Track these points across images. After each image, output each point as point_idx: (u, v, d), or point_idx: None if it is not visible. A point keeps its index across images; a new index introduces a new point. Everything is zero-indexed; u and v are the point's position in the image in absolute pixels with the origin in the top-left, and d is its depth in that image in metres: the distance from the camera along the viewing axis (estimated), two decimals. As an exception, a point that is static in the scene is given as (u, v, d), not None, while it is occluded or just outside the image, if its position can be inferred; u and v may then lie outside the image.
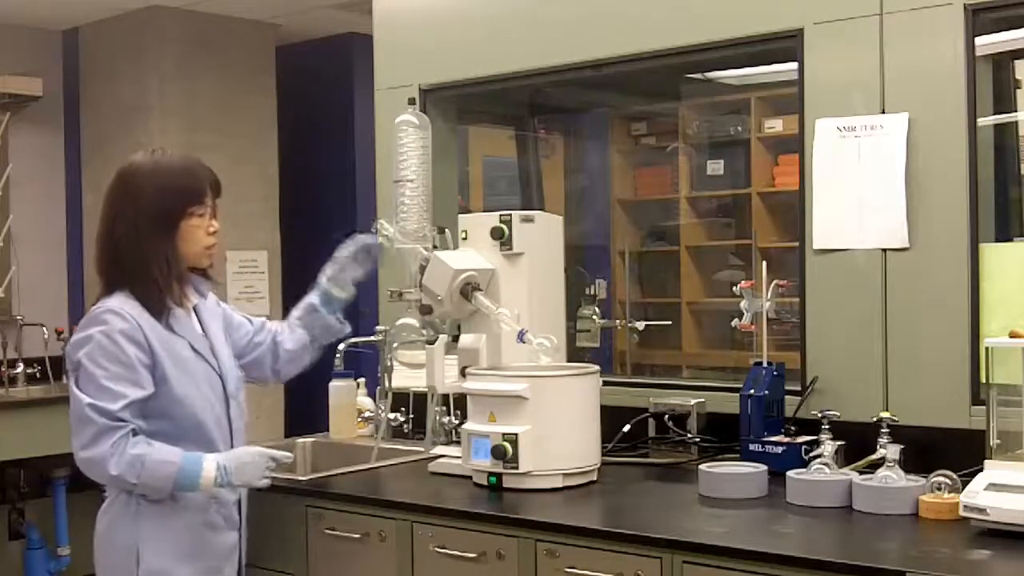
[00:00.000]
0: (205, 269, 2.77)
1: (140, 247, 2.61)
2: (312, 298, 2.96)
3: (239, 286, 6.23)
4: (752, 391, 3.04)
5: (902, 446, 2.66)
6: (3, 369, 5.84)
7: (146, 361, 2.57)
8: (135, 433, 2.53)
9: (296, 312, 2.98)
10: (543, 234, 3.24)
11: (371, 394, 3.83)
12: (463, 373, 3.11)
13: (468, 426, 3.02)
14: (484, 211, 3.81)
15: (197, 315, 2.74)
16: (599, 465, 3.03)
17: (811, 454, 2.83)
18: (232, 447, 2.69)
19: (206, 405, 2.66)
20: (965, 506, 2.39)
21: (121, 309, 2.58)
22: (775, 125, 5.63)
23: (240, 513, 2.77)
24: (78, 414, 2.54)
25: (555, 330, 3.13)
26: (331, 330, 2.98)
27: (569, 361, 3.32)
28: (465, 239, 3.27)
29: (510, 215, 3.19)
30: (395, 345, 3.47)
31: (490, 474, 2.94)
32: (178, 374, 2.61)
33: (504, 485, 2.92)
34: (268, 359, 2.92)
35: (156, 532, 2.61)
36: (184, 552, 2.63)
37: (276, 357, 2.93)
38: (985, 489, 2.38)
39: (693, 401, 3.26)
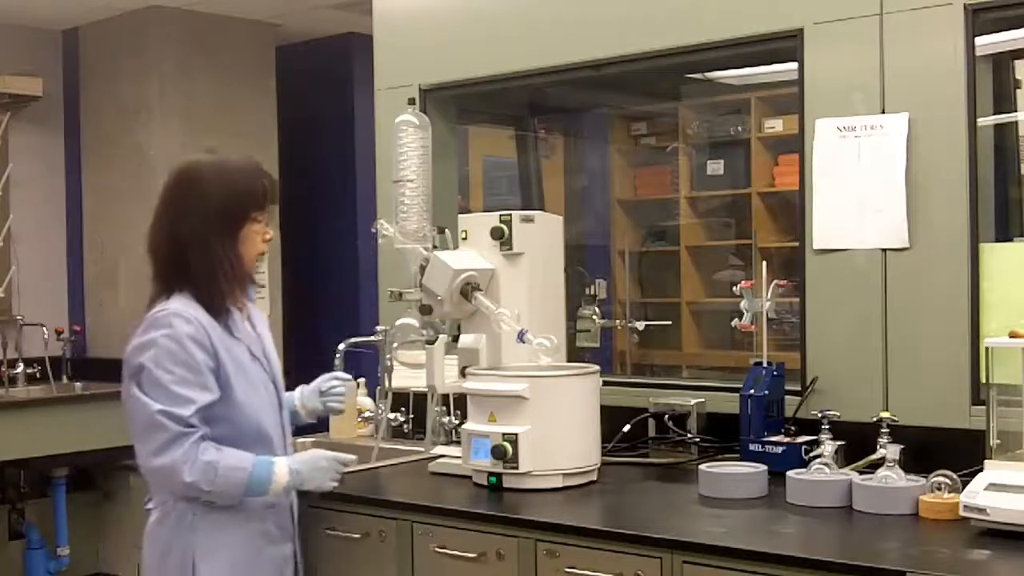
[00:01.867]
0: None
1: (206, 248, 2.57)
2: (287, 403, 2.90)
3: (239, 286, 6.23)
4: (752, 391, 3.04)
5: (902, 446, 2.66)
6: (3, 369, 5.84)
7: (211, 365, 2.53)
8: (203, 439, 2.50)
9: None
10: (543, 234, 3.24)
11: (371, 394, 3.83)
12: (463, 373, 3.11)
13: (468, 426, 3.02)
14: (484, 211, 3.81)
15: (248, 319, 2.73)
16: (599, 465, 3.03)
17: (811, 454, 2.83)
18: (286, 453, 2.68)
19: (265, 410, 2.65)
20: (965, 506, 2.38)
21: (185, 312, 2.54)
22: (775, 125, 5.63)
23: (293, 522, 2.75)
24: (146, 421, 2.48)
25: (555, 330, 3.13)
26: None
27: (569, 361, 3.32)
28: (465, 239, 3.27)
29: (510, 215, 3.19)
30: (395, 345, 3.47)
31: (490, 474, 2.93)
32: (240, 379, 2.58)
33: (504, 485, 2.92)
34: None
35: (212, 544, 2.57)
36: (240, 564, 2.60)
37: None
38: (985, 489, 2.38)
39: (693, 401, 3.26)
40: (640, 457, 3.28)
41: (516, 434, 2.89)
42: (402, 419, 3.72)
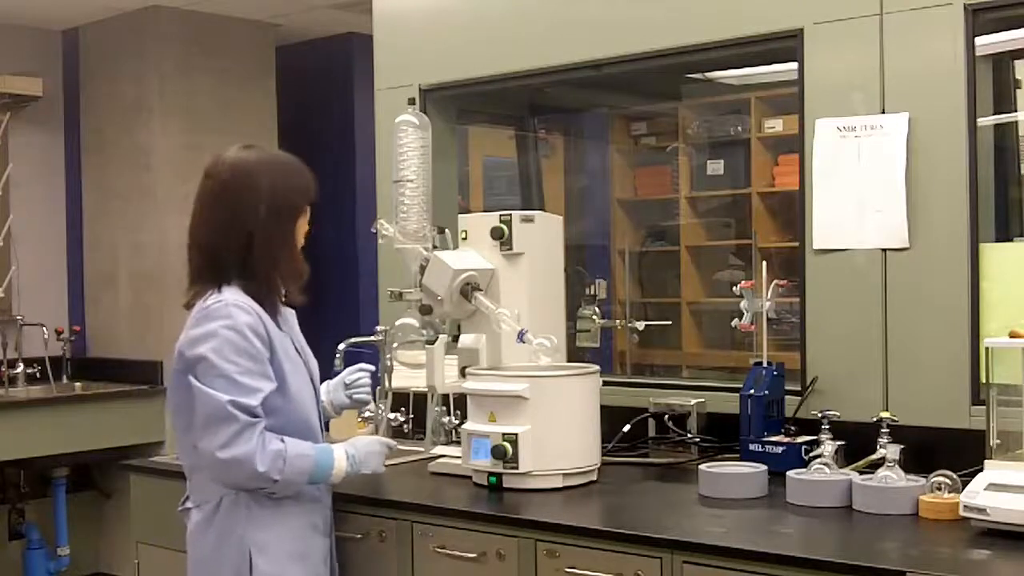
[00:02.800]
0: None
1: (266, 242, 2.58)
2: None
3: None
4: (752, 391, 3.04)
5: (902, 446, 2.66)
6: (3, 369, 5.85)
7: (267, 356, 2.54)
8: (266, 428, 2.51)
9: None
10: (543, 234, 3.24)
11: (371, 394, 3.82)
12: (463, 373, 3.11)
13: (468, 426, 3.02)
14: (484, 211, 3.81)
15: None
16: (599, 465, 3.02)
17: (811, 454, 2.83)
18: None
19: (310, 403, 2.68)
20: (965, 506, 2.38)
21: (243, 302, 2.54)
22: (775, 125, 5.63)
23: (332, 518, 2.78)
24: (214, 413, 2.46)
25: (555, 330, 3.13)
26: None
27: (569, 361, 3.31)
28: (465, 239, 3.27)
29: (510, 215, 3.19)
30: (395, 345, 3.47)
31: (490, 474, 2.93)
32: (291, 371, 2.60)
33: (504, 485, 2.92)
34: None
35: (268, 537, 2.58)
36: (296, 555, 2.62)
37: None
38: (985, 489, 2.38)
39: (693, 401, 3.26)
40: (640, 457, 3.27)
41: (516, 434, 2.89)
42: (402, 419, 3.71)
